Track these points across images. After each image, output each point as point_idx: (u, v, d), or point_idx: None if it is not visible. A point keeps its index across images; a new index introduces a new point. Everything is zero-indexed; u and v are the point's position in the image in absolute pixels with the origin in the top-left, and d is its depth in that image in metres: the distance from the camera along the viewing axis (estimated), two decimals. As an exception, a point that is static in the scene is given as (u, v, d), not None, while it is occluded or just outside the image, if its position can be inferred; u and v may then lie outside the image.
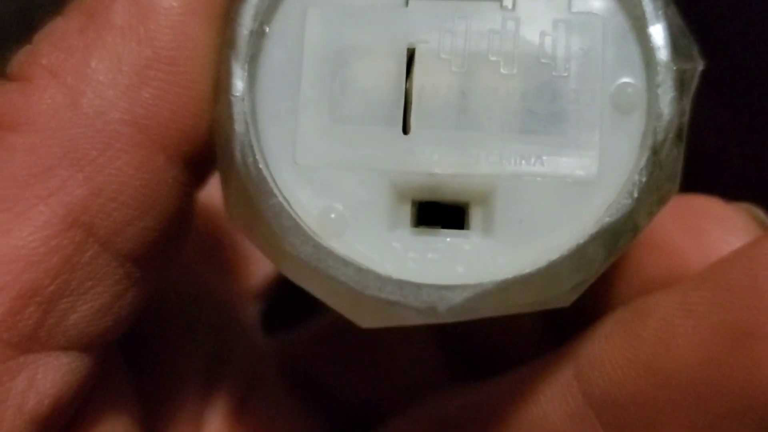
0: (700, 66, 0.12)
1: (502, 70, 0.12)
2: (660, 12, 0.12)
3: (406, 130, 0.12)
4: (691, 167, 0.14)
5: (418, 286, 0.12)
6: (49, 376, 0.12)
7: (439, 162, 0.12)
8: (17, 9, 0.27)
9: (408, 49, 0.12)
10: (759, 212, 0.15)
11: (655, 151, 0.12)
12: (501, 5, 0.12)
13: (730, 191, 0.15)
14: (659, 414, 0.13)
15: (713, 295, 0.12)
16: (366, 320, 0.12)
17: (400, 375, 0.19)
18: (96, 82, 0.12)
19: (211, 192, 0.15)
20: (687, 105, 0.12)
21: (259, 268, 0.21)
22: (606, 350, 0.14)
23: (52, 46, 0.12)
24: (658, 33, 0.12)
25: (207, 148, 0.13)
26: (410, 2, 0.12)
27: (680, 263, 0.15)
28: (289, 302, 0.21)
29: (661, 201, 0.12)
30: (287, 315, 0.20)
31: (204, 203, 0.17)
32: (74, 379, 0.13)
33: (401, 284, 0.12)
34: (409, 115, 0.12)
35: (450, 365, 0.19)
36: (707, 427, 0.13)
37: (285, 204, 0.12)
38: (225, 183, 0.13)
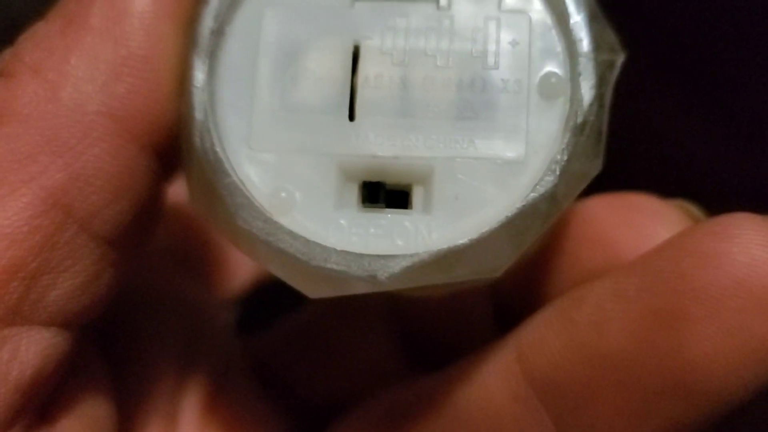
0: (621, 56, 0.13)
1: (438, 63, 0.13)
2: (581, 8, 0.13)
3: (352, 117, 0.13)
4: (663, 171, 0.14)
5: (360, 256, 0.12)
6: (32, 348, 0.13)
7: (382, 146, 0.13)
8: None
9: (354, 45, 0.13)
10: (692, 207, 0.15)
11: (575, 133, 0.13)
12: (437, 5, 0.13)
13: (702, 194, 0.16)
14: (594, 392, 0.14)
15: (642, 282, 0.13)
16: (313, 290, 0.13)
17: (360, 369, 0.20)
18: (75, 78, 0.13)
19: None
20: (608, 92, 0.13)
21: (233, 276, 0.22)
22: (545, 335, 0.14)
23: (35, 45, 0.13)
24: (579, 27, 0.13)
25: (174, 140, 0.14)
26: (356, 3, 0.14)
27: (616, 255, 0.15)
28: (261, 307, 0.22)
29: (583, 178, 0.13)
30: (259, 319, 0.21)
31: (182, 211, 0.18)
32: (54, 353, 0.14)
33: (345, 254, 0.12)
34: (355, 104, 0.13)
35: (407, 358, 0.19)
36: (639, 404, 0.13)
37: (239, 183, 0.13)
38: (187, 168, 0.14)
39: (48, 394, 0.14)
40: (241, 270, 0.22)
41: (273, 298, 0.21)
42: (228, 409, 0.19)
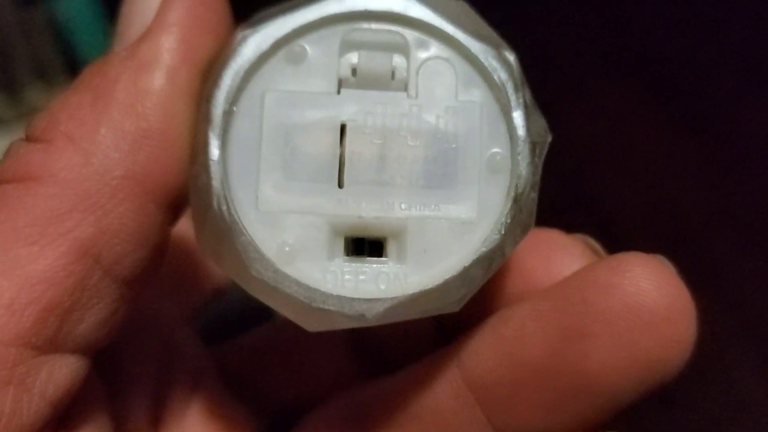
0: (549, 138, 0.16)
1: (409, 142, 0.16)
2: (520, 101, 0.16)
3: (340, 185, 0.16)
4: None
5: (352, 300, 0.15)
6: (63, 371, 0.15)
7: (365, 208, 0.16)
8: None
9: (341, 125, 0.16)
10: (592, 242, 0.18)
11: (516, 200, 0.16)
12: (408, 95, 0.16)
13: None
14: (517, 392, 0.16)
15: (555, 305, 0.16)
16: (312, 325, 0.16)
17: (320, 375, 0.22)
18: (104, 146, 0.15)
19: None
20: (539, 167, 0.16)
21: (197, 290, 0.24)
22: (479, 346, 0.17)
23: (69, 116, 0.15)
24: (518, 116, 0.16)
25: (182, 197, 0.16)
26: (341, 91, 0.16)
27: (532, 282, 0.17)
28: (227, 320, 0.24)
29: (523, 233, 0.16)
30: (223, 331, 0.24)
31: None
32: (78, 375, 0.16)
33: (339, 298, 0.15)
34: (343, 174, 0.16)
35: (361, 365, 0.22)
36: (552, 402, 0.16)
37: (251, 241, 0.15)
38: (200, 224, 0.16)
39: (66, 409, 0.16)
40: (204, 284, 0.24)
41: (237, 311, 0.24)
42: (202, 415, 0.21)
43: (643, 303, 0.15)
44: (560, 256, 0.17)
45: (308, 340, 0.22)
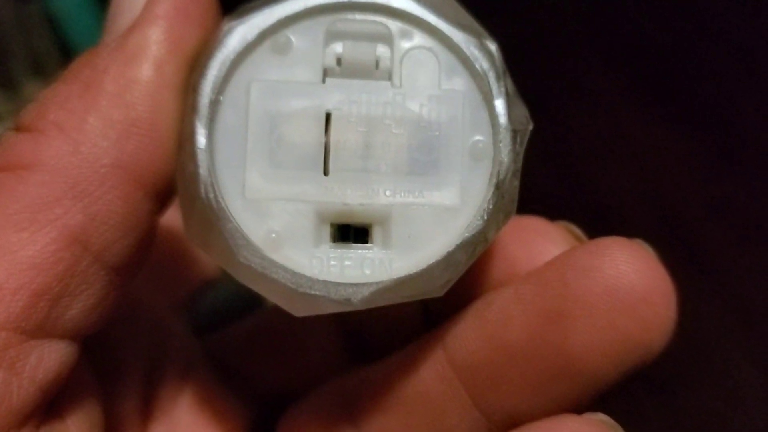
0: (530, 126, 0.16)
1: (393, 130, 0.16)
2: (502, 90, 0.16)
3: (326, 172, 0.16)
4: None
5: (338, 284, 0.16)
6: (52, 356, 0.16)
7: (350, 195, 0.16)
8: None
9: (326, 114, 0.16)
10: (574, 228, 0.18)
11: (498, 186, 0.16)
12: (392, 84, 0.16)
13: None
14: (501, 374, 0.16)
15: (536, 289, 0.16)
16: (299, 311, 0.16)
17: (309, 363, 0.22)
18: (92, 135, 0.15)
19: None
20: (521, 154, 0.16)
21: (185, 281, 0.24)
22: (464, 330, 0.17)
23: (58, 106, 0.15)
24: (500, 105, 0.16)
25: (170, 185, 0.17)
26: (326, 80, 0.16)
27: (515, 267, 0.18)
28: (213, 311, 0.24)
29: (505, 219, 0.16)
30: (212, 321, 0.24)
31: None
32: (68, 361, 0.16)
33: (325, 283, 0.16)
34: (328, 162, 0.16)
35: (350, 353, 0.22)
36: (534, 383, 0.16)
37: (238, 228, 0.16)
38: (188, 212, 0.16)
39: (56, 395, 0.16)
40: (193, 275, 0.25)
41: (226, 302, 0.24)
42: (193, 404, 0.21)
43: (621, 285, 0.15)
44: (542, 241, 0.18)
45: (297, 329, 0.22)
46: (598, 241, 0.16)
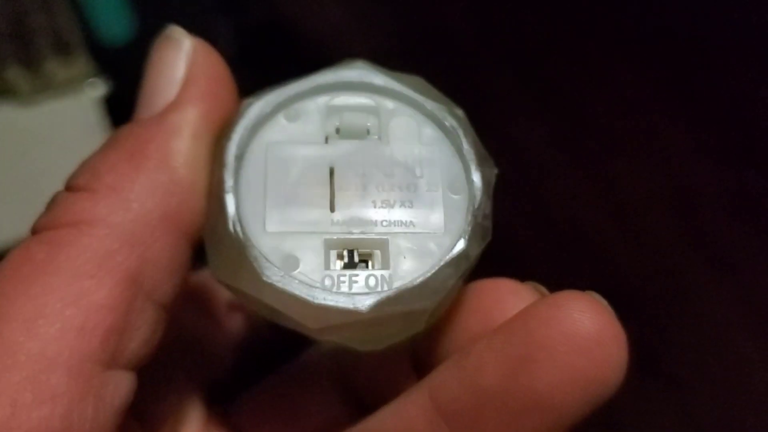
0: (496, 170, 0.20)
1: (384, 176, 0.20)
2: (470, 141, 0.20)
3: (332, 210, 0.19)
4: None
5: (348, 295, 0.18)
6: (122, 384, 0.18)
7: (353, 228, 0.19)
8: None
9: (330, 168, 0.20)
10: (540, 287, 0.20)
11: (474, 214, 0.20)
12: (381, 142, 0.20)
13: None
14: (480, 415, 0.18)
15: (505, 337, 0.18)
16: (312, 322, 0.18)
17: (312, 422, 0.24)
18: (142, 194, 0.18)
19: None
20: (491, 188, 0.20)
21: (204, 365, 0.26)
22: (446, 377, 0.19)
23: (109, 169, 0.18)
24: (468, 152, 0.20)
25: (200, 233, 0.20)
26: (329, 140, 0.20)
27: (489, 321, 0.20)
28: (225, 386, 0.26)
29: (483, 240, 0.19)
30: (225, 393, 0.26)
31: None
32: (132, 389, 0.18)
33: (337, 295, 0.18)
34: (334, 202, 0.19)
35: (349, 406, 0.24)
36: (510, 422, 0.17)
37: (261, 254, 0.19)
38: (216, 251, 0.19)
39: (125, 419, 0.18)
40: (211, 359, 0.26)
41: (239, 375, 0.26)
42: None
43: (577, 331, 0.17)
44: (512, 298, 0.20)
45: (302, 390, 0.24)
46: (556, 295, 0.18)
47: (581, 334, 0.17)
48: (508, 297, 0.20)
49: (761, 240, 0.45)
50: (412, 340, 0.21)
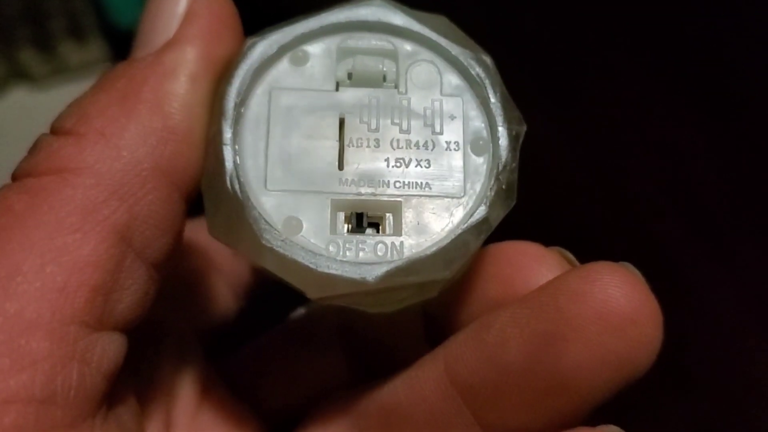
0: (524, 127, 0.18)
1: (401, 130, 0.18)
2: (497, 94, 0.18)
3: (341, 167, 0.18)
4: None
5: (354, 263, 0.17)
6: (111, 347, 0.16)
7: (363, 188, 0.17)
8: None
9: (340, 118, 0.18)
10: (567, 253, 0.19)
11: (497, 178, 0.18)
12: (398, 91, 0.18)
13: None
14: (500, 392, 0.17)
15: (531, 312, 0.17)
16: (317, 291, 0.17)
17: (316, 380, 0.23)
18: (133, 141, 0.17)
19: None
20: (517, 149, 0.18)
21: (203, 312, 0.25)
22: (464, 350, 0.18)
23: (99, 113, 0.17)
24: (496, 107, 0.18)
25: (198, 188, 0.18)
26: (339, 88, 0.18)
27: (512, 289, 0.18)
28: (229, 335, 0.25)
29: (504, 208, 0.18)
30: (228, 345, 0.25)
31: None
32: (122, 351, 0.17)
33: (342, 263, 0.17)
34: (342, 157, 0.18)
35: (354, 373, 0.23)
36: (531, 400, 0.17)
37: (261, 215, 0.17)
38: (214, 208, 0.18)
39: (113, 386, 0.17)
40: (212, 305, 0.25)
41: (240, 327, 0.25)
42: (212, 423, 0.21)
43: (611, 309, 0.16)
44: (537, 265, 0.18)
45: (303, 347, 0.23)
46: (588, 266, 0.17)
47: (616, 312, 0.16)
48: (532, 264, 0.18)
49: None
50: (424, 304, 0.19)
